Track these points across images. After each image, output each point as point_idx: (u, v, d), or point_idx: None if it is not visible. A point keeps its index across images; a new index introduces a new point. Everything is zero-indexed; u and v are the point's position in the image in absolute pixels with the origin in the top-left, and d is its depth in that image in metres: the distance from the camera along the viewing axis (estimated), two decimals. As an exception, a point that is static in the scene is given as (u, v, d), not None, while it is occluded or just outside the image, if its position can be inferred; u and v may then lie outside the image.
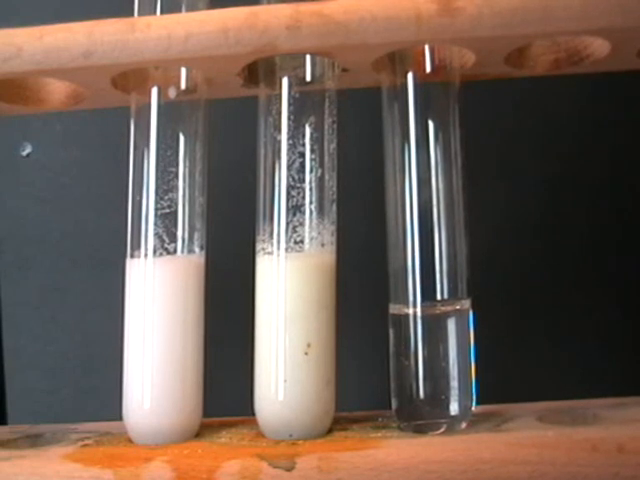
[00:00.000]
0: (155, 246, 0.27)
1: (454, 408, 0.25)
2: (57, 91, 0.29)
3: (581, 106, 0.38)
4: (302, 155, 0.26)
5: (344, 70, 0.28)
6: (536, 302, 0.38)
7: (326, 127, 0.27)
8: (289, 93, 0.27)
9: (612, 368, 0.37)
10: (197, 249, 0.27)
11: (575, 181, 0.38)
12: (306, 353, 0.26)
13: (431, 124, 0.26)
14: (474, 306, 0.26)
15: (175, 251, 0.27)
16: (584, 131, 0.39)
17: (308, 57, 0.27)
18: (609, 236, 0.38)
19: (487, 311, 0.28)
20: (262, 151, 0.27)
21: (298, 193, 0.26)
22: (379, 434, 0.26)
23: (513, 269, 0.38)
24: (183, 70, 0.28)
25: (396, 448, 0.24)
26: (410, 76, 0.27)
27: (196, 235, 0.27)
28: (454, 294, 0.26)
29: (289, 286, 0.26)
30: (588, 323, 0.38)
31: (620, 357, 0.38)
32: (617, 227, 0.38)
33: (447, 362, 0.25)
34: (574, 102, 0.38)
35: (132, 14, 0.28)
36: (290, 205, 0.26)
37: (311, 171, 0.26)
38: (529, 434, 0.25)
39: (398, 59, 0.27)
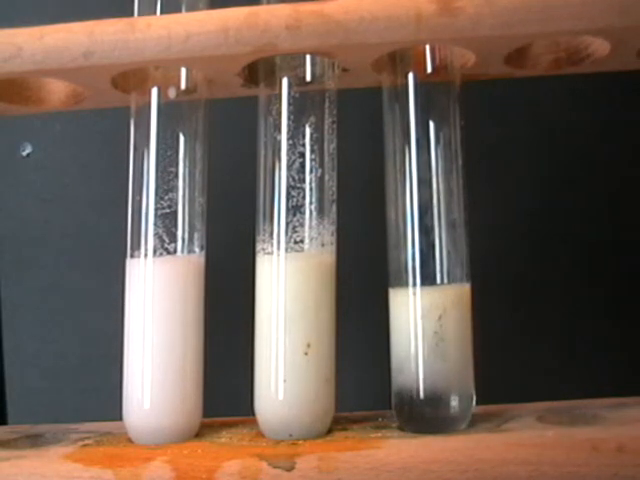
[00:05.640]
0: (155, 246, 0.27)
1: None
2: (57, 91, 0.29)
3: (581, 106, 0.38)
4: (302, 155, 0.26)
5: (344, 70, 0.28)
6: (536, 302, 0.38)
7: (326, 127, 0.27)
8: (289, 93, 0.27)
9: (612, 368, 0.37)
10: (197, 249, 0.27)
11: (575, 181, 0.38)
12: (306, 353, 0.26)
13: (431, 124, 0.26)
14: (474, 307, 0.26)
15: (175, 251, 0.27)
16: (584, 131, 0.39)
17: (308, 57, 0.27)
18: (609, 236, 0.38)
19: (487, 311, 0.28)
20: (262, 151, 0.27)
21: (298, 193, 0.26)
22: (379, 434, 0.26)
23: (513, 269, 0.38)
24: (183, 70, 0.28)
25: (396, 448, 0.24)
26: (410, 76, 0.27)
27: (196, 235, 0.27)
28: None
29: (289, 286, 0.26)
30: (588, 323, 0.38)
31: (620, 357, 0.38)
32: (618, 227, 0.38)
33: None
34: (574, 102, 0.38)
35: (132, 14, 0.28)
36: (290, 205, 0.26)
37: (311, 171, 0.26)
38: (529, 434, 0.25)
39: (398, 59, 0.27)
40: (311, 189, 0.26)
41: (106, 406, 0.29)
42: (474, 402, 0.26)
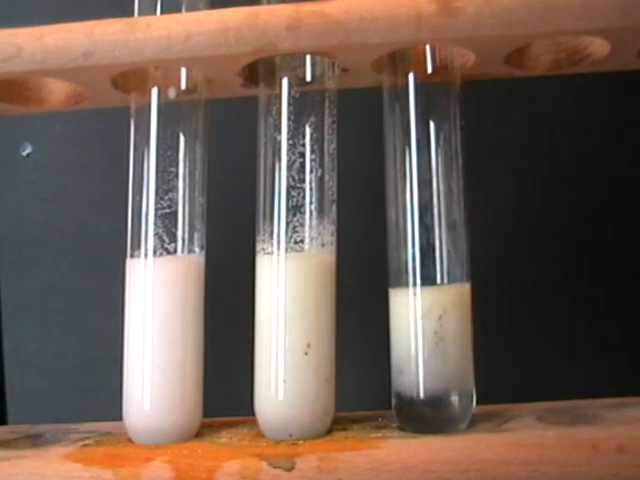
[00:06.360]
0: (155, 246, 0.27)
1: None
2: (57, 91, 0.29)
3: (581, 106, 0.38)
4: (302, 155, 0.26)
5: (344, 70, 0.28)
6: (536, 302, 0.38)
7: (326, 127, 0.27)
8: (289, 93, 0.27)
9: (612, 368, 0.37)
10: (197, 249, 0.27)
11: (575, 181, 0.38)
12: (306, 353, 0.26)
13: (431, 124, 0.26)
14: (474, 307, 0.26)
15: (175, 251, 0.27)
16: (584, 131, 0.39)
17: (308, 57, 0.27)
18: (609, 236, 0.38)
19: (487, 311, 0.28)
20: (262, 151, 0.27)
21: (298, 193, 0.26)
22: (379, 434, 0.26)
23: (513, 269, 0.38)
24: (183, 70, 0.28)
25: (396, 448, 0.24)
26: (411, 76, 0.27)
27: (196, 235, 0.27)
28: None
29: (289, 286, 0.26)
30: (588, 323, 0.38)
31: (620, 357, 0.38)
32: (618, 227, 0.38)
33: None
34: (574, 102, 0.38)
35: (132, 14, 0.28)
36: (290, 205, 0.26)
37: (311, 171, 0.26)
38: (529, 434, 0.25)
39: (398, 59, 0.27)
40: (311, 189, 0.26)
41: (106, 406, 0.29)
42: (474, 402, 0.26)
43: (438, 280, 0.26)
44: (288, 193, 0.26)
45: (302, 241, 0.26)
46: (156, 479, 0.24)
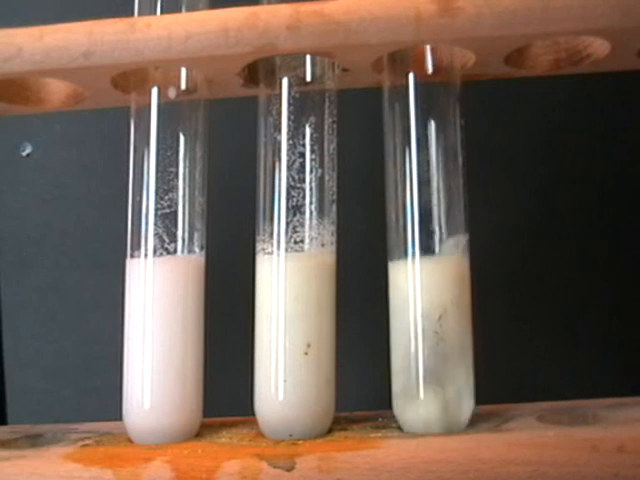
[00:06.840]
0: (155, 246, 0.27)
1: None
2: (57, 91, 0.29)
3: (581, 106, 0.38)
4: (302, 155, 0.26)
5: (344, 70, 0.28)
6: (536, 302, 0.38)
7: (326, 127, 0.27)
8: (289, 93, 0.27)
9: (612, 368, 0.37)
10: (197, 249, 0.27)
11: (575, 181, 0.38)
12: (306, 353, 0.26)
13: (431, 124, 0.26)
14: (474, 307, 0.26)
15: (175, 251, 0.27)
16: (584, 131, 0.39)
17: (308, 57, 0.27)
18: (610, 236, 0.38)
19: (487, 311, 0.28)
20: (262, 151, 0.27)
21: (298, 193, 0.26)
22: (379, 434, 0.26)
23: (513, 269, 0.38)
24: (183, 70, 0.28)
25: (396, 448, 0.24)
26: (411, 76, 0.27)
27: (196, 235, 0.27)
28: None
29: (289, 286, 0.26)
30: (588, 323, 0.38)
31: (620, 357, 0.38)
32: (619, 227, 0.38)
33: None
34: (574, 102, 0.38)
35: (132, 14, 0.28)
36: (290, 205, 0.26)
37: (311, 171, 0.26)
38: (529, 434, 0.25)
39: (398, 59, 0.27)
40: (311, 189, 0.26)
41: (106, 406, 0.29)
42: (474, 402, 0.26)
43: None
44: (288, 193, 0.26)
45: (302, 241, 0.26)
46: (156, 479, 0.24)
